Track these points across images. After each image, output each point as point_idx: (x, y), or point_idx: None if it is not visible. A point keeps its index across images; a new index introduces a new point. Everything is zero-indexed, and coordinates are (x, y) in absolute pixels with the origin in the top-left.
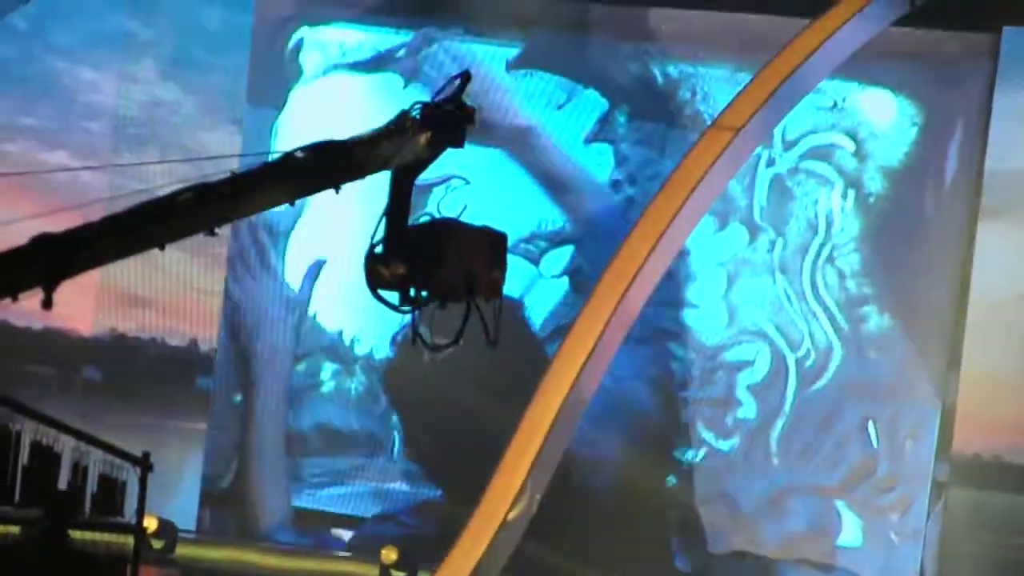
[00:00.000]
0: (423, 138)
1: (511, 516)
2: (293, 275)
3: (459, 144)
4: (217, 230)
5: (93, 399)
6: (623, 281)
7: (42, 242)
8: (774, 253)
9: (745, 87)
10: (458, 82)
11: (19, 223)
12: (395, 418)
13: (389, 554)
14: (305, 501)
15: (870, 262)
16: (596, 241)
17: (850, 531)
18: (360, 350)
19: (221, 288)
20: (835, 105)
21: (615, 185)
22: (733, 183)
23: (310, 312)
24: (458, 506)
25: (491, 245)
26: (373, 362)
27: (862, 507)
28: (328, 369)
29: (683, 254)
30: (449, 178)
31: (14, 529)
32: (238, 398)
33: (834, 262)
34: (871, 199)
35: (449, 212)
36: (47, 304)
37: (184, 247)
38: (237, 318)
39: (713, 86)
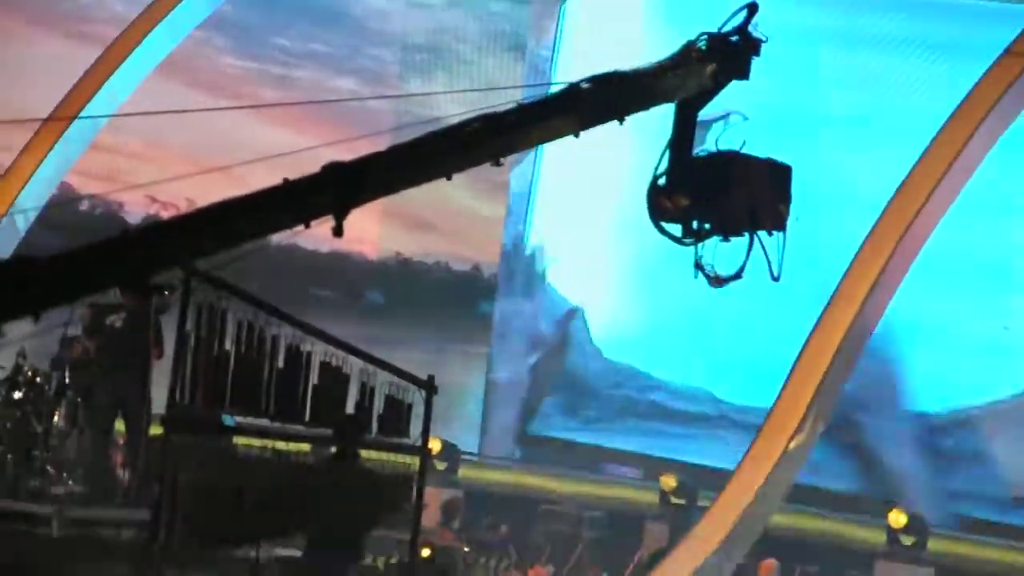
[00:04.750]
0: (708, 70)
1: (792, 445)
2: None
3: (744, 76)
4: (501, 159)
5: (377, 322)
6: (911, 207)
7: (333, 171)
8: None
9: None
10: (744, 13)
11: (309, 151)
12: None
13: (668, 481)
14: (586, 436)
15: None
16: None
17: None
18: None
19: (503, 214)
20: None
21: None
22: None
23: None
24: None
25: (775, 177)
26: None
27: None
28: None
29: None
30: (728, 114)
31: (304, 447)
32: (517, 324)
33: None
34: None
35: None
36: (338, 231)
37: (468, 173)
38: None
39: None
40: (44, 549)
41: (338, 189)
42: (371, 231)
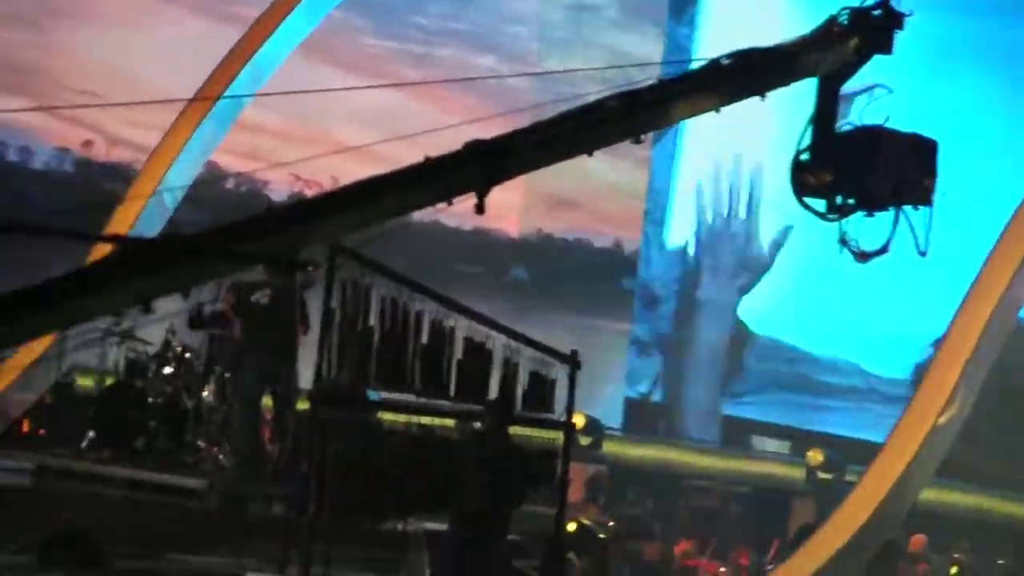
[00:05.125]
0: (851, 44)
1: (942, 419)
2: None
3: (888, 50)
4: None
5: (520, 298)
6: None
7: (475, 148)
8: None
9: None
10: None
11: (451, 129)
12: None
13: (815, 456)
14: (732, 409)
15: None
16: None
17: None
18: None
19: (645, 191)
20: None
21: None
22: None
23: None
24: None
25: (921, 152)
26: None
27: None
28: None
29: None
30: (872, 87)
31: (449, 422)
32: (660, 300)
33: None
34: None
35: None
36: (480, 209)
37: (609, 148)
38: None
39: None
40: (196, 523)
41: (480, 167)
42: (513, 208)
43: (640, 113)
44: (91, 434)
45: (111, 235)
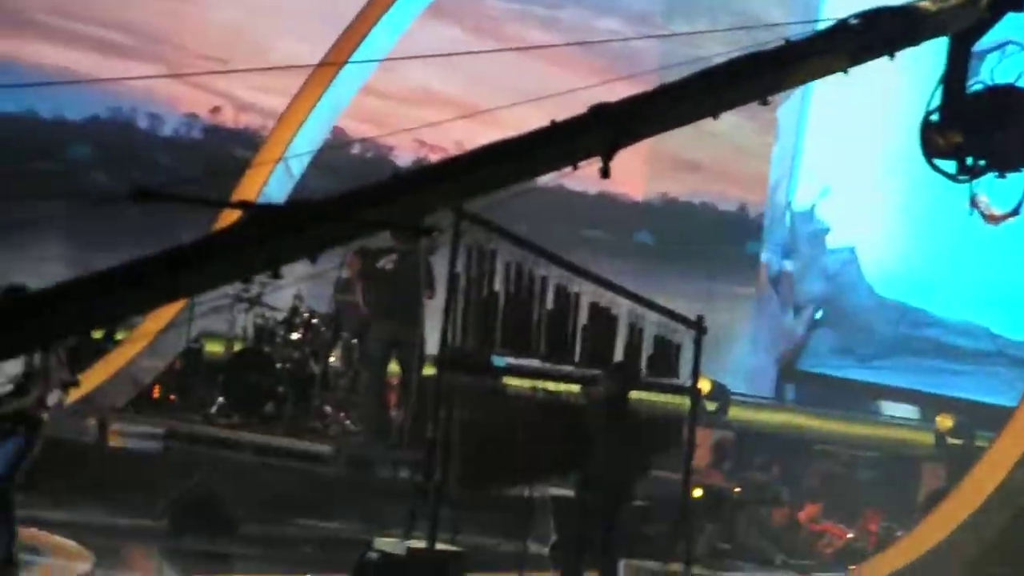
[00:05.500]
0: (983, 1)
1: None
2: None
3: (1020, 7)
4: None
5: (645, 262)
6: None
7: (600, 112)
8: None
9: None
10: None
11: (575, 92)
12: None
13: (944, 421)
14: (859, 373)
15: None
16: None
17: None
18: None
19: (771, 153)
20: None
21: None
22: None
23: None
24: None
25: None
26: None
27: None
28: None
29: None
30: (1006, 43)
31: (574, 387)
32: (786, 263)
33: None
34: None
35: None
36: (605, 173)
37: (735, 111)
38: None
39: None
40: (324, 488)
41: (605, 130)
42: (638, 171)
43: (767, 75)
44: (220, 400)
45: (239, 201)
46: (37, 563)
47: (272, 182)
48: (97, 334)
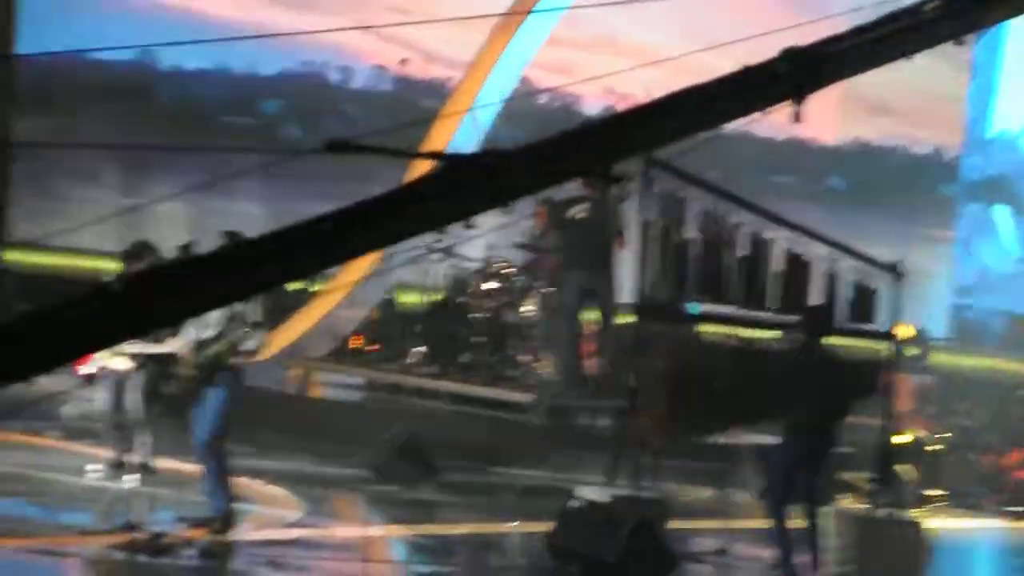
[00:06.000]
0: None
1: None
2: None
3: None
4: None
5: (838, 207)
6: None
7: (791, 56)
8: None
9: None
10: None
11: (764, 37)
12: None
13: None
14: None
15: None
16: None
17: None
18: None
19: (965, 95)
20: None
21: None
22: None
23: None
24: None
25: None
26: None
27: None
28: None
29: None
30: None
31: (769, 334)
32: (983, 208)
33: None
34: None
35: None
36: (796, 118)
37: (927, 52)
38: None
39: None
40: (522, 437)
41: (796, 75)
42: (828, 116)
43: (961, 14)
44: (419, 349)
45: (430, 152)
46: (249, 512)
47: (460, 133)
48: (296, 285)
